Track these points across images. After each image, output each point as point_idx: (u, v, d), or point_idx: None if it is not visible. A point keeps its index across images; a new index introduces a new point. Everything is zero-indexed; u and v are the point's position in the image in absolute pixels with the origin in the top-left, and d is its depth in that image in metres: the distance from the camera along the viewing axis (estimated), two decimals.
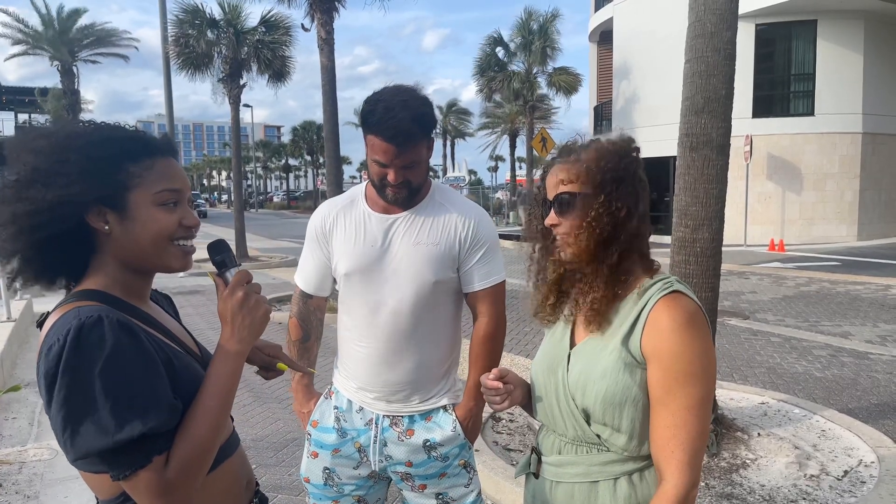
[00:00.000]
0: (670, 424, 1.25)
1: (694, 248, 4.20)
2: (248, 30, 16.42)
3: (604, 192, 1.32)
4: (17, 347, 6.90)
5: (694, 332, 1.26)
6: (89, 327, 1.00)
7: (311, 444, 2.06)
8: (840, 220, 17.87)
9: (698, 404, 1.24)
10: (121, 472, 1.02)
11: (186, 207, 1.20)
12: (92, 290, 1.13)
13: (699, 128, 4.14)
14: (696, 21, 4.14)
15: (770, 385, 5.68)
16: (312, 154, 55.72)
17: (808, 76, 17.75)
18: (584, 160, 1.35)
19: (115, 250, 1.15)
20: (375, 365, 1.94)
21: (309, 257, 2.07)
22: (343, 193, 2.10)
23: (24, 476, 3.94)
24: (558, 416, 1.40)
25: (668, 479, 1.25)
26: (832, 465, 3.93)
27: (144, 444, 1.02)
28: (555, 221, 1.36)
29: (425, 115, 1.82)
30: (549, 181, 1.40)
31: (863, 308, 9.11)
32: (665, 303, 1.28)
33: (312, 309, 2.12)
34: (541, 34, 19.72)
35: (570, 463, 1.39)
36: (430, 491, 1.98)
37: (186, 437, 1.07)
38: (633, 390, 1.29)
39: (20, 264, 1.14)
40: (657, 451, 1.27)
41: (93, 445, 0.99)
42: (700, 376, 1.25)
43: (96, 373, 0.98)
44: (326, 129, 10.31)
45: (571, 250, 1.36)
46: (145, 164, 1.15)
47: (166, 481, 1.04)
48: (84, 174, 1.10)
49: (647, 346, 1.28)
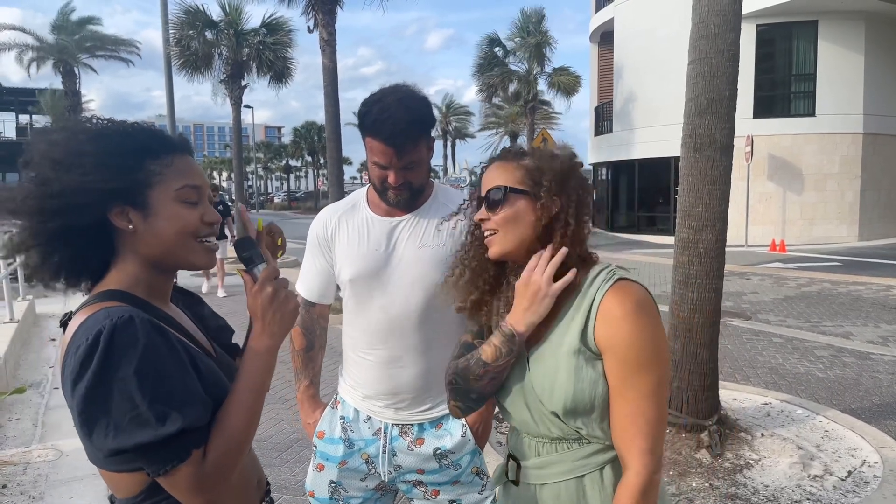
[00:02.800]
0: (628, 413, 1.26)
1: (697, 249, 4.20)
2: (249, 31, 16.46)
3: (535, 191, 1.35)
4: (20, 348, 6.91)
5: (644, 319, 1.27)
6: (122, 326, 1.01)
7: (317, 457, 2.01)
8: (841, 221, 17.88)
9: (654, 391, 1.26)
10: (161, 467, 1.03)
11: (207, 204, 1.20)
12: (116, 291, 1.13)
13: (703, 129, 4.14)
14: (699, 22, 4.15)
15: (772, 385, 5.68)
16: (313, 155, 55.69)
17: (808, 77, 17.76)
18: (522, 163, 1.39)
19: (140, 249, 1.15)
20: (383, 372, 1.90)
21: (311, 265, 2.03)
22: (344, 198, 2.06)
23: (28, 477, 3.94)
24: (530, 420, 1.39)
25: (630, 466, 1.26)
26: (836, 465, 3.93)
27: (183, 439, 1.03)
28: (483, 216, 1.38)
29: (424, 114, 1.79)
30: (485, 179, 1.42)
31: (864, 308, 9.12)
32: (613, 293, 1.29)
33: (315, 317, 2.07)
34: (536, 32, 19.73)
35: (553, 462, 1.38)
36: (444, 497, 1.94)
37: (222, 432, 1.08)
38: (599, 383, 1.29)
39: (39, 260, 1.14)
40: (618, 440, 1.29)
41: (136, 440, 0.99)
42: (653, 363, 1.26)
43: (132, 371, 0.99)
44: (328, 129, 10.33)
45: (497, 247, 1.37)
46: (165, 162, 1.16)
47: (204, 475, 1.05)
48: (102, 168, 1.10)
49: (600, 338, 1.29)
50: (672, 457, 4.02)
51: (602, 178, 24.69)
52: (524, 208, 1.35)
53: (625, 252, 16.89)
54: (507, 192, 1.36)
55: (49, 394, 5.53)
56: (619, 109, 21.98)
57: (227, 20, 16.06)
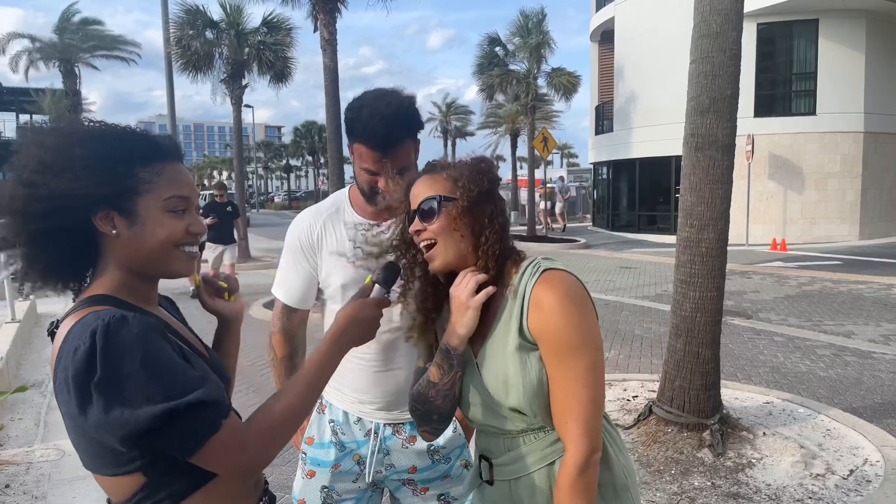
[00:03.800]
0: (562, 397, 1.32)
1: (699, 248, 4.20)
2: (249, 31, 16.45)
3: (467, 197, 1.39)
4: (22, 348, 6.92)
5: (571, 305, 1.32)
6: (116, 324, 1.00)
7: (307, 464, 1.97)
8: (842, 220, 17.86)
9: (585, 373, 1.30)
10: (196, 443, 1.02)
11: (194, 214, 1.20)
12: (103, 296, 1.13)
13: (705, 128, 4.14)
14: (701, 21, 4.15)
15: (774, 384, 5.68)
16: (314, 154, 55.65)
17: (809, 75, 17.74)
18: (448, 174, 1.43)
19: (121, 255, 1.15)
20: (376, 374, 1.90)
21: (291, 269, 1.96)
22: (323, 201, 2.02)
23: (31, 477, 3.95)
24: (493, 420, 1.43)
25: (568, 449, 1.32)
26: (837, 464, 3.93)
27: (208, 412, 1.03)
28: (419, 227, 1.41)
29: (410, 116, 1.78)
30: (414, 193, 1.45)
31: (865, 307, 9.11)
32: (540, 283, 1.34)
33: (297, 323, 2.02)
34: (537, 32, 19.70)
35: (525, 455, 1.41)
36: (433, 493, 1.96)
37: (271, 408, 1.12)
38: (544, 371, 1.34)
39: (26, 264, 1.14)
40: (556, 424, 1.34)
41: (153, 414, 0.98)
42: (582, 346, 1.31)
43: (139, 362, 0.99)
44: (329, 129, 10.33)
45: (440, 259, 1.40)
46: (156, 169, 1.15)
47: (241, 441, 1.05)
48: (91, 171, 1.09)
49: (533, 328, 1.33)
50: (674, 455, 4.02)
51: (602, 178, 24.68)
52: (457, 215, 1.39)
53: (626, 251, 16.90)
54: (442, 200, 1.40)
55: (51, 393, 5.54)
56: (619, 108, 21.96)
57: (228, 20, 16.06)
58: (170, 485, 1.10)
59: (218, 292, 1.42)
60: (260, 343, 7.58)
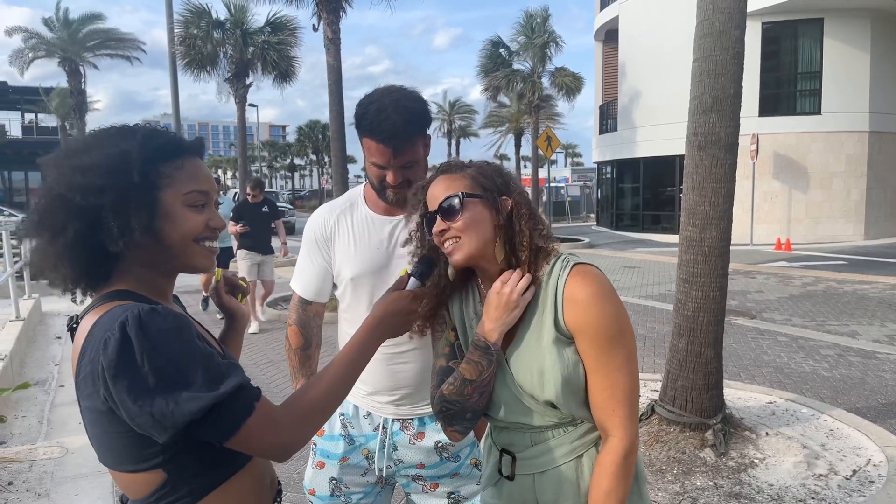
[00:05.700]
0: (606, 386, 1.36)
1: (702, 247, 4.20)
2: (254, 31, 16.50)
3: (487, 194, 1.42)
4: (26, 346, 6.94)
5: (606, 298, 1.36)
6: (147, 315, 1.02)
7: (317, 455, 2.02)
8: (846, 219, 17.82)
9: (625, 363, 1.36)
10: (231, 429, 1.04)
11: (213, 209, 1.21)
12: (123, 290, 1.13)
13: (707, 127, 4.13)
14: (704, 20, 4.14)
15: (777, 384, 5.67)
16: (318, 153, 55.76)
17: (814, 74, 17.70)
18: (466, 172, 1.45)
19: (141, 250, 1.15)
20: (385, 368, 1.92)
21: (307, 263, 2.03)
22: (339, 197, 2.08)
23: (34, 474, 3.96)
24: (524, 416, 1.44)
25: (614, 433, 1.36)
26: (840, 464, 3.92)
27: (241, 397, 1.05)
28: (443, 227, 1.41)
29: (419, 112, 1.81)
30: (432, 194, 1.45)
31: (870, 307, 9.08)
32: (573, 278, 1.37)
33: (312, 315, 2.07)
34: (541, 32, 19.72)
35: (553, 448, 1.43)
36: (442, 490, 1.97)
37: (306, 392, 1.16)
38: (580, 364, 1.38)
39: (60, 272, 1.13)
40: (598, 412, 1.38)
41: (200, 406, 1.00)
42: (621, 337, 1.36)
43: (176, 351, 1.01)
44: (333, 128, 10.34)
45: (463, 252, 1.41)
46: (175, 164, 1.16)
47: (273, 421, 1.08)
48: (119, 186, 1.10)
49: (570, 322, 1.37)
50: (676, 455, 4.01)
51: (606, 177, 24.66)
52: (481, 211, 1.41)
53: (629, 250, 16.88)
54: (464, 197, 1.41)
55: (55, 391, 5.56)
56: (623, 108, 21.94)
57: (233, 20, 16.12)
58: (190, 482, 1.10)
59: (234, 290, 1.49)
60: (260, 343, 7.61)
